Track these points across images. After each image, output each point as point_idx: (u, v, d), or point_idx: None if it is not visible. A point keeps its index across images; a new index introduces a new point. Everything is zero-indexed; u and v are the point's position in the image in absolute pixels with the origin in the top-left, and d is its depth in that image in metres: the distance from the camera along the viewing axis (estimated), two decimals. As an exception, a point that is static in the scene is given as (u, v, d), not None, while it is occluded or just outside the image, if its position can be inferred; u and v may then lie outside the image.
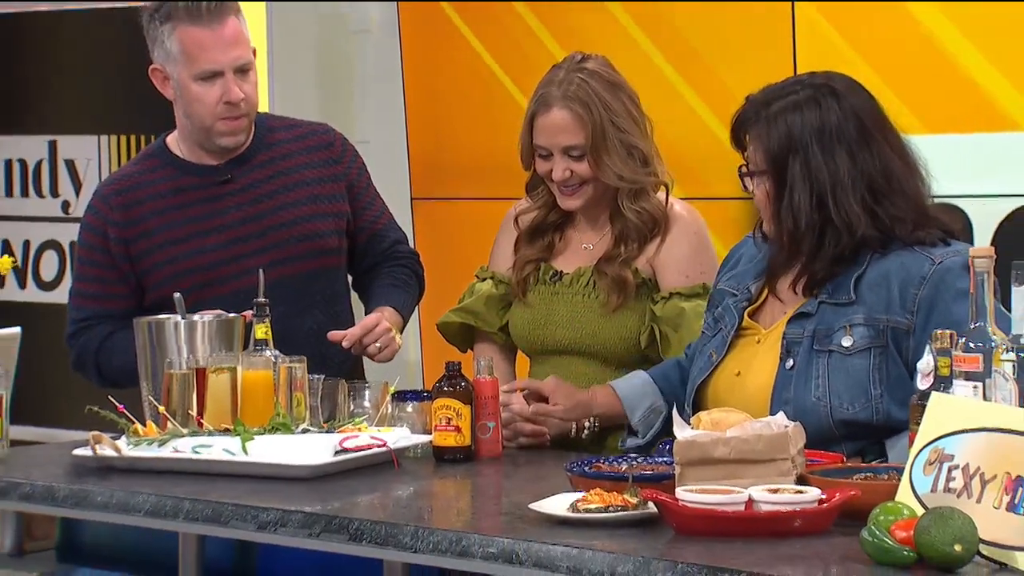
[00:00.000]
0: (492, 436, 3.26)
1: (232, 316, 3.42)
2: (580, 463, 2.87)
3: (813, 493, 2.56)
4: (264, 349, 3.29)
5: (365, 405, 3.35)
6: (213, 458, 3.09)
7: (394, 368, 3.68)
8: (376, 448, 3.13)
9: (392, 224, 3.93)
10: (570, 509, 2.64)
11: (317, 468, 3.04)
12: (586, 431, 3.40)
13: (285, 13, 5.25)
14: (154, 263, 3.71)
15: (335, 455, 3.08)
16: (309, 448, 3.08)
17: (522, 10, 4.88)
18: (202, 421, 3.21)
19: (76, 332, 3.73)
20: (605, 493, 2.65)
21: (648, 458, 2.93)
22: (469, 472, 3.17)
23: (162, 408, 3.22)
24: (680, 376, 3.34)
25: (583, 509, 2.63)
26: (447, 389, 3.23)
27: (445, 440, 3.21)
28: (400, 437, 3.20)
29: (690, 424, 2.74)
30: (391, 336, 3.63)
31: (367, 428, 3.22)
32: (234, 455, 3.08)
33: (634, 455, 3.00)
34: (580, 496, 2.68)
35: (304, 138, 3.85)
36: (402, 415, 3.32)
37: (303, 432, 3.18)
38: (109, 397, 3.29)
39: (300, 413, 3.23)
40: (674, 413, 2.81)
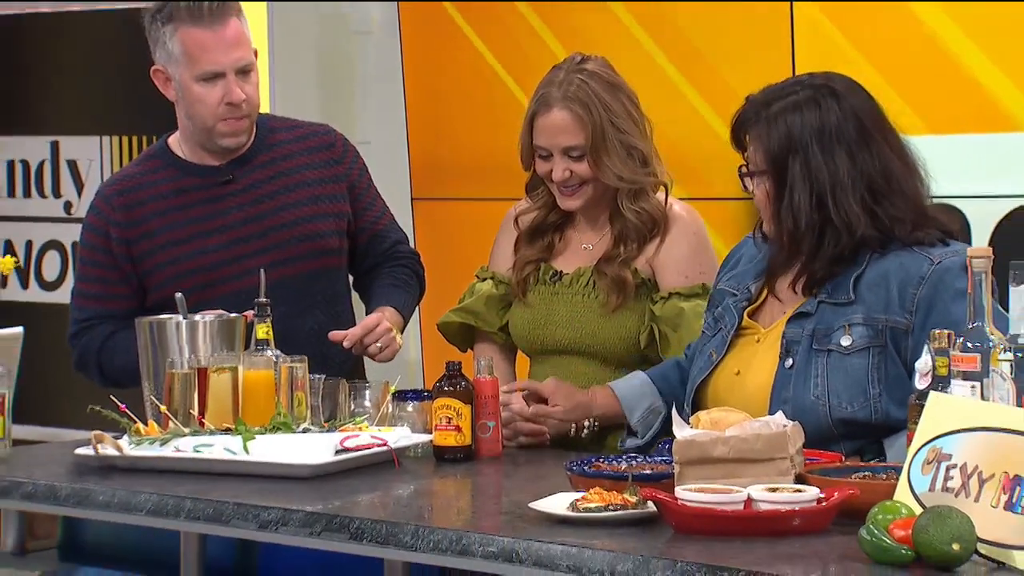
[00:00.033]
0: (492, 435, 3.26)
1: (233, 316, 3.42)
2: (580, 462, 2.87)
3: (812, 492, 2.56)
4: (265, 349, 3.29)
5: (366, 405, 3.35)
6: (214, 457, 3.09)
7: (395, 368, 3.68)
8: (377, 447, 3.14)
9: (393, 224, 3.93)
10: (570, 508, 2.64)
11: (318, 467, 3.05)
12: (585, 431, 3.40)
13: (286, 13, 5.24)
14: (156, 263, 3.71)
15: (336, 454, 3.08)
16: (310, 447, 3.08)
17: (525, 10, 4.87)
18: (203, 421, 3.21)
19: (78, 332, 3.73)
20: (605, 492, 2.66)
21: (647, 457, 2.93)
22: (469, 471, 3.18)
23: (164, 408, 3.22)
24: (679, 377, 3.34)
25: (583, 508, 2.63)
26: (447, 389, 3.23)
27: (445, 439, 3.21)
28: (401, 436, 3.20)
29: (689, 423, 2.74)
30: (392, 336, 3.63)
31: (368, 428, 3.22)
32: (235, 454, 3.08)
33: (633, 454, 3.00)
34: (580, 495, 2.68)
35: (305, 139, 3.85)
36: (403, 415, 3.32)
37: (304, 431, 3.18)
38: (111, 397, 3.29)
39: (301, 413, 3.23)
40: (673, 412, 2.81)
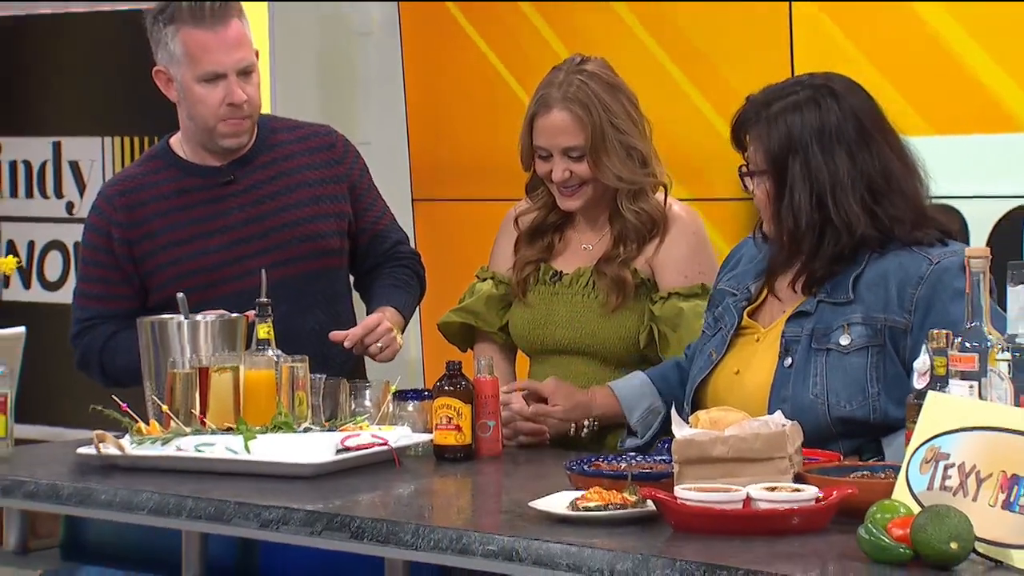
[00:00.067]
0: (492, 435, 3.27)
1: (235, 316, 3.43)
2: (579, 462, 2.87)
3: (810, 491, 2.57)
4: (266, 349, 3.29)
5: (366, 404, 3.36)
6: (216, 457, 3.10)
7: (395, 367, 3.69)
8: (377, 447, 3.14)
9: (394, 225, 3.94)
10: (570, 507, 2.65)
11: (319, 467, 3.05)
12: (585, 431, 3.41)
13: (287, 14, 5.25)
14: (157, 264, 3.71)
15: (337, 454, 3.09)
16: (311, 447, 3.09)
17: (527, 10, 4.86)
18: (205, 420, 3.22)
19: (80, 332, 3.74)
20: (604, 491, 2.66)
21: (647, 457, 2.94)
22: (469, 470, 3.18)
23: (165, 407, 3.23)
24: (679, 377, 3.35)
25: (582, 507, 2.63)
26: (448, 388, 3.24)
27: (446, 439, 3.22)
28: (401, 436, 3.21)
29: (688, 423, 2.75)
30: (392, 336, 3.64)
31: (368, 427, 3.23)
32: (236, 454, 3.09)
33: (633, 454, 3.00)
34: (579, 494, 2.68)
35: (306, 139, 3.86)
36: (403, 414, 3.32)
37: (305, 431, 3.19)
38: (113, 396, 3.30)
39: (302, 412, 3.24)
40: (673, 412, 2.81)
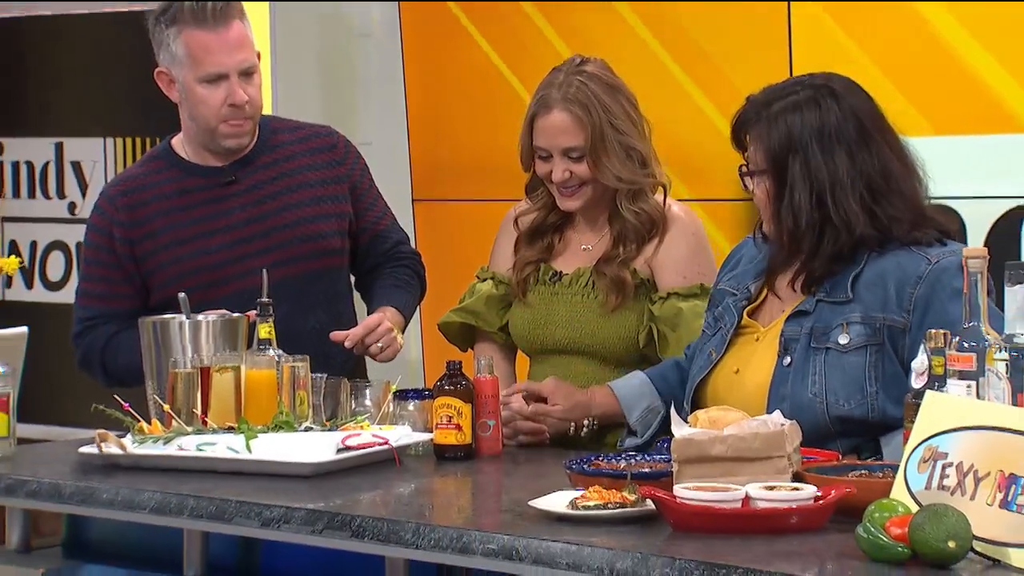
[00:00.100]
0: (492, 434, 3.28)
1: (236, 316, 3.44)
2: (579, 461, 2.88)
3: (809, 490, 2.57)
4: (268, 348, 3.30)
5: (367, 404, 3.36)
6: (217, 456, 3.10)
7: (396, 367, 3.70)
8: (378, 446, 3.15)
9: (394, 225, 3.94)
10: (569, 506, 2.65)
11: (320, 466, 3.06)
12: (585, 430, 3.41)
13: (288, 15, 5.26)
14: (159, 263, 3.72)
15: (337, 453, 3.09)
16: (312, 446, 3.09)
17: (529, 10, 4.86)
18: (206, 419, 3.22)
19: (82, 331, 3.75)
20: (604, 490, 2.66)
21: (646, 456, 2.94)
22: (470, 470, 3.19)
23: (167, 406, 3.24)
24: (678, 377, 3.35)
25: (582, 506, 2.64)
26: (448, 388, 3.24)
27: (446, 438, 3.22)
28: (401, 435, 3.21)
29: (688, 422, 2.75)
30: (393, 336, 3.64)
31: (369, 426, 3.23)
32: (238, 453, 3.09)
33: (632, 453, 3.01)
34: (579, 493, 2.69)
35: (307, 140, 3.86)
36: (403, 413, 3.33)
37: (306, 430, 3.19)
38: (115, 396, 3.30)
39: (303, 411, 3.25)
40: (672, 411, 2.82)
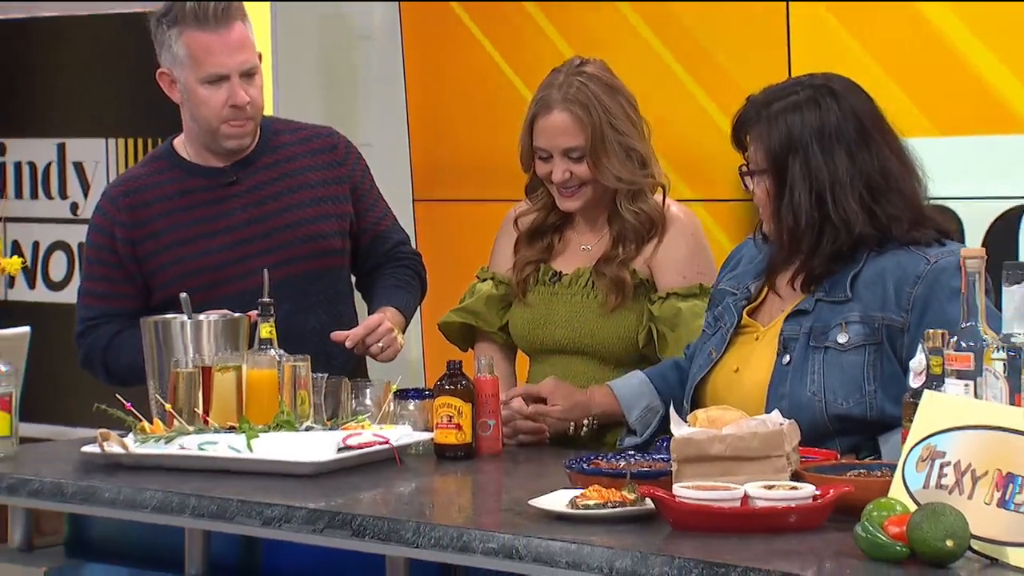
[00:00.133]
0: (492, 434, 3.28)
1: (237, 316, 3.44)
2: (579, 460, 2.88)
3: (808, 489, 2.58)
4: (269, 348, 3.30)
5: (368, 403, 3.37)
6: (218, 455, 3.11)
7: (396, 367, 3.71)
8: (379, 445, 3.15)
9: (395, 225, 3.95)
10: (569, 505, 2.66)
11: (321, 465, 3.06)
12: (584, 429, 3.42)
13: (289, 16, 5.26)
14: (161, 264, 3.72)
15: (338, 452, 3.10)
16: (313, 445, 3.10)
17: (532, 9, 4.86)
18: (208, 419, 3.23)
19: (84, 331, 3.75)
20: (603, 489, 2.67)
21: (645, 455, 2.94)
22: (470, 469, 3.19)
23: (168, 406, 3.25)
24: (678, 377, 3.35)
25: (582, 505, 2.64)
26: (448, 387, 3.25)
27: (446, 438, 3.23)
28: (402, 435, 3.22)
29: (687, 422, 2.76)
30: (393, 336, 3.65)
31: (370, 426, 3.23)
32: (239, 452, 3.10)
33: (632, 452, 3.01)
34: (579, 492, 2.69)
35: (308, 141, 3.87)
36: (404, 413, 3.33)
37: (307, 430, 3.20)
38: (116, 395, 3.32)
39: (304, 411, 3.25)
40: (671, 411, 2.82)
